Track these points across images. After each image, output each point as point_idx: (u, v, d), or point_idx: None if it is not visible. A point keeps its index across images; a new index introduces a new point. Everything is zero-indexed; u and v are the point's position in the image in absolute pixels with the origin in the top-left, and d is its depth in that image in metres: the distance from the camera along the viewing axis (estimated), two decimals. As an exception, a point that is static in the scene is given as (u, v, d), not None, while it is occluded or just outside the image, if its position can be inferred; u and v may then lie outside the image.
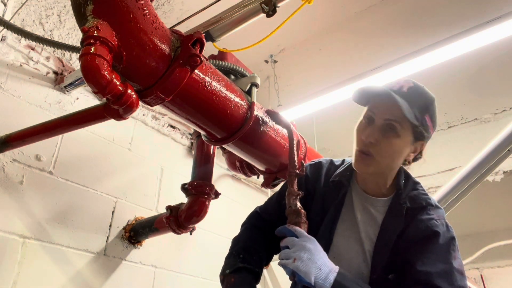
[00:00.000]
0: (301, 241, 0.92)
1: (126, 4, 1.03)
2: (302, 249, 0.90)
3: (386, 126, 1.02)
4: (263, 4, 1.43)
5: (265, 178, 1.68)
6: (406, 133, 1.02)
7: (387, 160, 1.04)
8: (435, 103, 1.07)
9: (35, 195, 1.77)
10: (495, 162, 1.87)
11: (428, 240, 0.98)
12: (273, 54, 2.76)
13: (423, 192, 1.09)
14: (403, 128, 1.01)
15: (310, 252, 0.90)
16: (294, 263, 0.88)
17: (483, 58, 2.51)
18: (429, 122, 1.04)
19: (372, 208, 1.09)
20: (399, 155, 1.04)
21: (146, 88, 1.11)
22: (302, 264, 0.87)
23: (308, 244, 0.91)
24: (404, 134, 1.02)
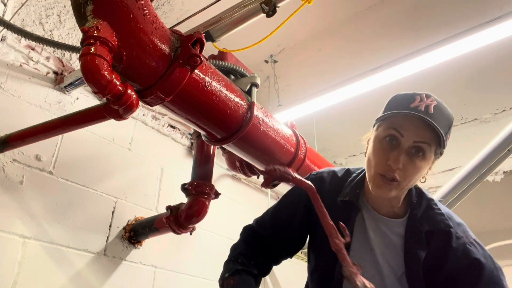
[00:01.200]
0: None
1: (126, 4, 1.03)
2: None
3: (414, 149, 0.95)
4: (263, 4, 1.43)
5: (265, 178, 1.68)
6: (431, 154, 0.97)
7: (411, 184, 0.98)
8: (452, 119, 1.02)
9: (35, 195, 1.77)
10: (495, 162, 1.87)
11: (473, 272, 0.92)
12: (273, 54, 2.76)
13: (438, 211, 1.02)
14: (430, 150, 0.96)
15: None
16: None
17: (483, 58, 2.51)
18: (446, 140, 0.98)
19: (386, 229, 1.02)
20: (420, 175, 0.98)
21: (146, 88, 1.11)
22: None
23: None
24: (429, 156, 0.96)
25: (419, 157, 0.95)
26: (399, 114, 0.97)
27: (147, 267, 2.16)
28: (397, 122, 0.97)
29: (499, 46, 2.02)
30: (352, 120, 3.28)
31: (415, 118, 0.94)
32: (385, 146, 0.98)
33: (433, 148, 0.95)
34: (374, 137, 1.03)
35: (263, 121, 1.47)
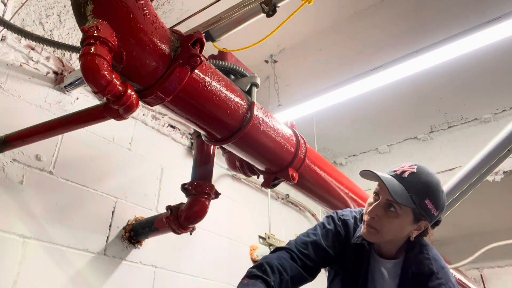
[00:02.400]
0: None
1: (126, 4, 1.02)
2: None
3: (387, 205, 1.18)
4: (263, 4, 1.43)
5: (265, 178, 1.68)
6: (405, 214, 1.17)
7: (389, 235, 1.20)
8: (439, 188, 1.20)
9: (35, 195, 1.77)
10: (495, 162, 1.87)
11: None
12: (273, 54, 2.76)
13: (426, 256, 1.22)
14: (402, 209, 1.16)
15: None
16: None
17: (483, 58, 2.51)
18: (430, 205, 1.16)
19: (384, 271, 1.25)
20: (400, 232, 1.20)
21: (146, 88, 1.11)
22: None
23: None
24: (403, 215, 1.17)
25: (392, 212, 1.17)
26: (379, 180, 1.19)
27: (147, 267, 2.15)
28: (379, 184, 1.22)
29: (499, 46, 2.02)
30: (352, 120, 3.28)
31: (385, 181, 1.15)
32: (371, 200, 1.23)
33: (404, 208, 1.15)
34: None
35: (263, 121, 1.47)
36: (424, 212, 1.16)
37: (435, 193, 1.18)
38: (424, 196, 1.15)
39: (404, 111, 3.22)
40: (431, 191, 1.17)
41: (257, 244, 2.87)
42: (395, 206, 1.16)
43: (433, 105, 3.16)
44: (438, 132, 3.41)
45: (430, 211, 1.16)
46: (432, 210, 1.16)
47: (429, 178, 1.19)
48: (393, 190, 1.13)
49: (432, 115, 3.28)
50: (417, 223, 1.19)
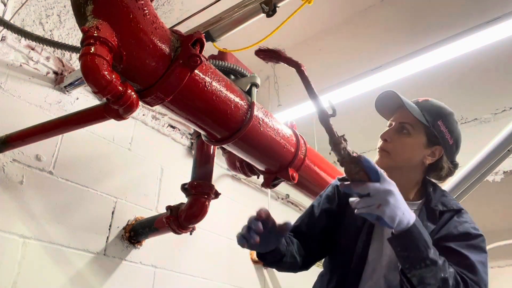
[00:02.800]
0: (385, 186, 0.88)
1: (126, 4, 1.02)
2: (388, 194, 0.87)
3: (399, 127, 1.19)
4: (263, 4, 1.43)
5: (265, 178, 1.68)
6: (418, 134, 1.17)
7: (401, 157, 1.17)
8: (453, 116, 1.21)
9: (35, 195, 1.77)
10: (495, 162, 1.87)
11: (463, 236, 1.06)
12: (273, 54, 2.75)
13: (451, 198, 1.19)
14: (415, 130, 1.17)
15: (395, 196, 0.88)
16: (380, 208, 0.86)
17: (483, 58, 2.51)
18: (443, 127, 1.16)
19: None
20: (412, 153, 1.17)
21: (146, 88, 1.11)
22: (389, 209, 0.86)
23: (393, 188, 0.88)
24: (416, 135, 1.17)
25: (405, 134, 1.18)
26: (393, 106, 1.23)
27: (147, 267, 2.15)
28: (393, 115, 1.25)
29: (499, 46, 2.02)
30: (352, 120, 3.28)
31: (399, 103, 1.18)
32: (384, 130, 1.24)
33: (418, 128, 1.17)
34: None
35: (263, 121, 1.47)
36: (438, 134, 1.15)
37: (448, 117, 1.19)
38: (438, 117, 1.17)
39: (404, 111, 3.21)
40: (444, 114, 1.19)
41: (257, 244, 2.87)
42: (407, 126, 1.17)
43: (433, 105, 3.16)
44: (438, 132, 3.40)
45: (444, 134, 1.16)
46: (445, 133, 1.16)
47: (443, 105, 1.23)
48: (407, 104, 1.15)
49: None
50: (431, 147, 1.17)
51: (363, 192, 0.87)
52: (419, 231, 0.91)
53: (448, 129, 1.17)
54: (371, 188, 0.86)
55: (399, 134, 1.19)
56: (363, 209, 0.87)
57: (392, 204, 0.86)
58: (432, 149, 1.18)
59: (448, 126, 1.18)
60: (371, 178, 0.87)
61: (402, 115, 1.20)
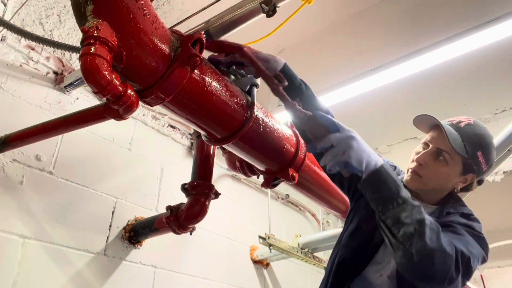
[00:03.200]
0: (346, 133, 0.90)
1: (126, 4, 1.02)
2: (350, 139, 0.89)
3: (436, 153, 1.15)
4: (263, 4, 1.43)
5: (265, 178, 1.68)
6: (455, 163, 1.14)
7: (433, 183, 1.16)
8: (493, 144, 1.19)
9: (35, 195, 1.77)
10: (495, 162, 1.87)
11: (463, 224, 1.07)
12: (273, 54, 2.75)
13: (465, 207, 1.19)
14: (452, 159, 1.13)
15: (357, 140, 0.90)
16: (345, 154, 0.87)
17: (483, 58, 2.51)
18: (481, 158, 1.14)
19: None
20: (445, 181, 1.16)
21: (146, 88, 1.11)
22: (354, 153, 0.87)
23: (353, 134, 0.91)
24: (452, 164, 1.14)
25: (441, 161, 1.14)
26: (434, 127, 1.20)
27: (147, 267, 2.15)
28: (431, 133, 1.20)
29: (499, 46, 2.02)
30: (352, 120, 3.28)
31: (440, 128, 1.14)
32: (419, 149, 1.21)
33: (455, 157, 1.13)
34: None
35: (263, 121, 1.47)
36: (475, 165, 1.13)
37: (488, 147, 1.16)
38: (478, 148, 1.13)
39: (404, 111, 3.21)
40: (485, 144, 1.15)
41: (257, 244, 2.87)
42: (445, 155, 1.13)
43: (433, 105, 3.15)
44: (438, 132, 3.39)
45: (480, 164, 1.14)
46: (482, 163, 1.14)
47: (485, 131, 1.18)
48: (450, 135, 1.11)
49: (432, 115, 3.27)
50: (465, 175, 1.16)
51: (326, 144, 0.89)
52: (387, 172, 0.92)
53: (485, 158, 1.15)
54: (332, 139, 0.89)
55: (434, 160, 1.15)
56: (330, 162, 0.89)
57: (356, 147, 0.88)
58: (465, 176, 1.17)
59: (486, 156, 1.15)
60: (331, 131, 0.90)
61: (441, 139, 1.15)
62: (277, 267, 3.08)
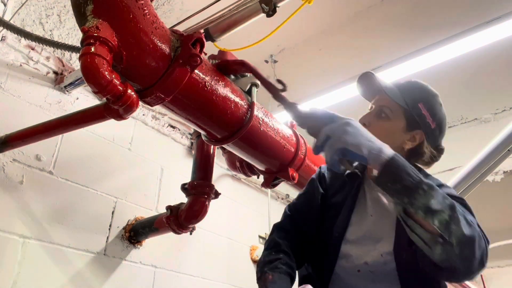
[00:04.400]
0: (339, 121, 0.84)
1: (126, 4, 1.02)
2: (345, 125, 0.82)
3: (378, 111, 1.12)
4: (263, 4, 1.43)
5: (265, 178, 1.68)
6: (397, 117, 1.10)
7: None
8: (436, 98, 1.13)
9: (35, 195, 1.77)
10: (495, 162, 1.87)
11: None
12: (273, 54, 2.75)
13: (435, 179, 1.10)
14: (393, 113, 1.10)
15: (353, 126, 0.83)
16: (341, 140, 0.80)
17: (483, 57, 2.51)
18: (424, 110, 1.08)
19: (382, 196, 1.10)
20: (391, 139, 1.05)
21: (146, 88, 1.11)
22: (350, 137, 0.80)
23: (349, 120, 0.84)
24: (395, 118, 1.10)
25: (383, 117, 1.11)
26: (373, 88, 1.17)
27: (147, 267, 2.15)
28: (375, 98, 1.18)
29: (499, 46, 2.02)
30: (352, 120, 3.27)
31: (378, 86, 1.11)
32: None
33: (397, 111, 1.09)
34: None
35: (263, 121, 1.47)
36: (418, 118, 1.07)
37: (430, 99, 1.11)
38: (418, 99, 1.09)
39: (404, 111, 3.21)
40: (426, 95, 1.11)
41: (257, 244, 2.87)
42: (386, 110, 1.10)
43: (433, 105, 3.15)
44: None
45: (425, 118, 1.08)
46: (426, 117, 1.08)
47: (426, 87, 1.15)
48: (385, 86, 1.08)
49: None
50: (411, 131, 1.09)
51: (322, 137, 0.84)
52: (402, 159, 0.83)
53: (430, 112, 1.09)
54: (327, 130, 0.84)
55: (378, 118, 1.12)
56: (328, 155, 0.83)
57: (351, 132, 0.82)
58: (412, 134, 1.09)
59: (430, 109, 1.09)
60: (326, 122, 0.86)
61: (382, 98, 1.13)
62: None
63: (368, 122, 1.11)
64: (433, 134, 1.10)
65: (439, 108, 1.13)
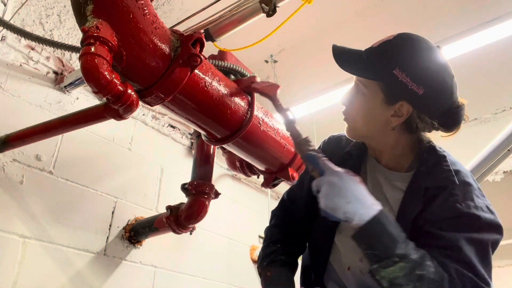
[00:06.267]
0: (325, 177, 0.82)
1: (126, 4, 1.03)
2: (324, 183, 0.81)
3: (355, 88, 0.97)
4: (263, 4, 1.43)
5: (265, 178, 1.68)
6: (372, 92, 0.93)
7: (359, 123, 0.97)
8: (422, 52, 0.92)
9: (35, 195, 1.77)
10: (495, 162, 1.87)
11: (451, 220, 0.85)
12: (273, 54, 2.75)
13: (447, 167, 0.92)
14: (367, 87, 0.93)
15: (334, 185, 0.80)
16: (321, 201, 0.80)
17: (483, 58, 2.51)
18: (402, 76, 0.87)
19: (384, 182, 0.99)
20: (370, 116, 0.94)
21: (146, 88, 1.11)
22: (326, 199, 0.79)
23: (333, 178, 0.81)
24: (370, 93, 0.93)
25: (360, 94, 0.96)
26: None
27: (147, 267, 2.15)
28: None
29: (499, 46, 2.02)
30: (352, 120, 3.27)
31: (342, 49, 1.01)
32: None
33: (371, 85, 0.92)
34: None
35: (263, 121, 1.47)
36: (395, 86, 0.87)
37: (410, 58, 0.89)
38: (392, 64, 0.88)
39: (404, 111, 3.21)
40: (404, 56, 0.89)
41: (257, 244, 2.87)
42: (359, 85, 0.95)
43: (433, 105, 3.16)
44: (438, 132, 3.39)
45: (405, 85, 0.86)
46: (407, 83, 0.86)
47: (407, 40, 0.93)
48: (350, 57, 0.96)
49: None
50: (392, 105, 0.90)
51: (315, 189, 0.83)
52: (381, 223, 0.78)
53: (411, 77, 0.86)
54: (317, 184, 0.83)
55: (355, 96, 0.97)
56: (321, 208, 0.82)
57: (329, 193, 0.79)
58: (395, 106, 0.90)
59: (411, 72, 0.87)
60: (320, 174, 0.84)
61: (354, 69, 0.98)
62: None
63: (345, 102, 0.99)
64: (424, 101, 0.88)
65: (426, 64, 0.90)
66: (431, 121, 0.92)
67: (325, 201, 0.79)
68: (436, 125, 0.93)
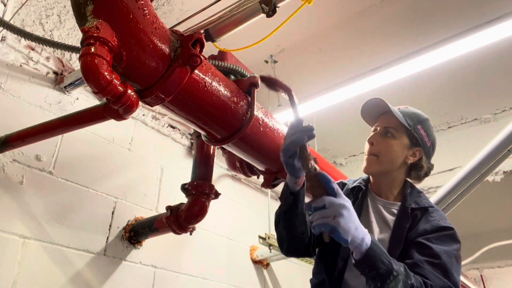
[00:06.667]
0: (340, 200, 0.92)
1: (126, 4, 1.03)
2: (342, 207, 0.90)
3: (384, 131, 1.30)
4: (263, 4, 1.43)
5: (265, 178, 1.68)
6: (401, 136, 1.28)
7: (387, 157, 1.28)
8: (429, 122, 1.33)
9: (35, 195, 1.77)
10: (495, 162, 1.87)
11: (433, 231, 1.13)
12: (273, 54, 2.75)
13: (425, 198, 1.29)
14: (398, 132, 1.28)
15: (349, 211, 0.92)
16: (335, 219, 0.89)
17: (483, 58, 2.51)
18: (422, 131, 1.29)
19: (383, 209, 1.27)
20: (397, 153, 1.28)
21: (146, 88, 1.11)
22: (344, 221, 0.89)
23: (347, 204, 0.92)
24: (399, 137, 1.28)
25: (389, 136, 1.29)
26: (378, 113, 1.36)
27: (147, 267, 2.16)
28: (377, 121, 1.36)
29: (499, 46, 2.02)
30: (352, 120, 3.27)
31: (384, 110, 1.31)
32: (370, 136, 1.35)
33: (400, 131, 1.28)
34: None
35: (263, 121, 1.47)
36: (418, 137, 1.27)
37: (425, 122, 1.32)
38: (417, 122, 1.30)
39: (404, 111, 3.21)
40: (422, 120, 1.32)
41: (257, 244, 2.87)
42: (391, 130, 1.28)
43: (433, 105, 3.16)
44: (438, 132, 3.39)
45: (423, 138, 1.28)
46: (424, 137, 1.29)
47: (420, 112, 1.35)
48: (393, 109, 1.28)
49: (432, 115, 3.27)
50: (412, 149, 1.28)
51: (319, 204, 0.91)
52: (378, 246, 0.96)
53: (426, 133, 1.30)
54: (326, 201, 0.91)
55: (384, 137, 1.29)
56: (318, 220, 0.90)
57: (346, 217, 0.90)
58: (414, 150, 1.29)
59: (426, 130, 1.30)
60: (328, 193, 0.93)
61: (387, 120, 1.31)
62: (277, 267, 3.08)
63: (376, 140, 1.30)
64: (429, 151, 1.31)
65: (432, 130, 1.33)
66: (428, 166, 1.32)
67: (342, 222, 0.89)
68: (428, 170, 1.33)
